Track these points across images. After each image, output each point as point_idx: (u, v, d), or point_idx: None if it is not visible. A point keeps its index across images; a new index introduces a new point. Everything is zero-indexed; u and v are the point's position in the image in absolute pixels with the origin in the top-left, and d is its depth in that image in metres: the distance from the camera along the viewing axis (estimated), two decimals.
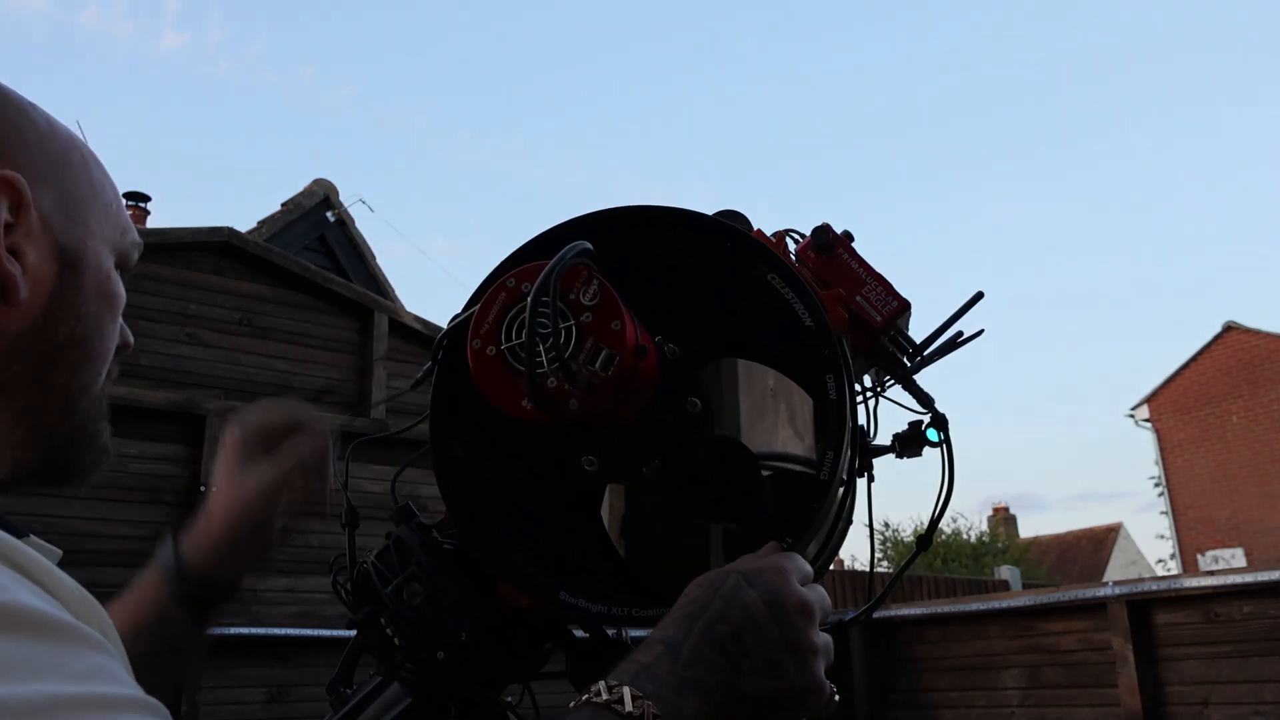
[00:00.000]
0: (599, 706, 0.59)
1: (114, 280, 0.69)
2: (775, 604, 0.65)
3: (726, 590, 0.66)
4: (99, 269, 0.67)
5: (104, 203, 0.69)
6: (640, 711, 0.58)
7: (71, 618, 0.49)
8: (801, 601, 0.67)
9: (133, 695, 0.48)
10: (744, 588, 0.66)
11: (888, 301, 0.88)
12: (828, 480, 0.76)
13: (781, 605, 0.65)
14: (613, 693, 0.59)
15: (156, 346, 5.57)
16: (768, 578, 0.67)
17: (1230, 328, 18.64)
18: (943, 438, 0.89)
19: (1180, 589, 4.50)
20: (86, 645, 0.48)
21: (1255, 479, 17.71)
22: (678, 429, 0.75)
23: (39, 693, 0.43)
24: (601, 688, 0.59)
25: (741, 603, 0.65)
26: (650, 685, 0.60)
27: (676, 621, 0.65)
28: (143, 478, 5.24)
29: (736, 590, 0.66)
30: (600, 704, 0.59)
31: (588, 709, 0.59)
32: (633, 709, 0.58)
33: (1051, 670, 4.97)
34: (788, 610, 0.66)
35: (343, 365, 6.21)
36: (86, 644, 0.48)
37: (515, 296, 0.72)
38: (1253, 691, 4.22)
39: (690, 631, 0.64)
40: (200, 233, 5.84)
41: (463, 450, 0.83)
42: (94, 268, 0.66)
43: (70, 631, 0.48)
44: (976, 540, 21.87)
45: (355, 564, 0.85)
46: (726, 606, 0.65)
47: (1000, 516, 27.48)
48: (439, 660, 0.79)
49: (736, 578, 0.67)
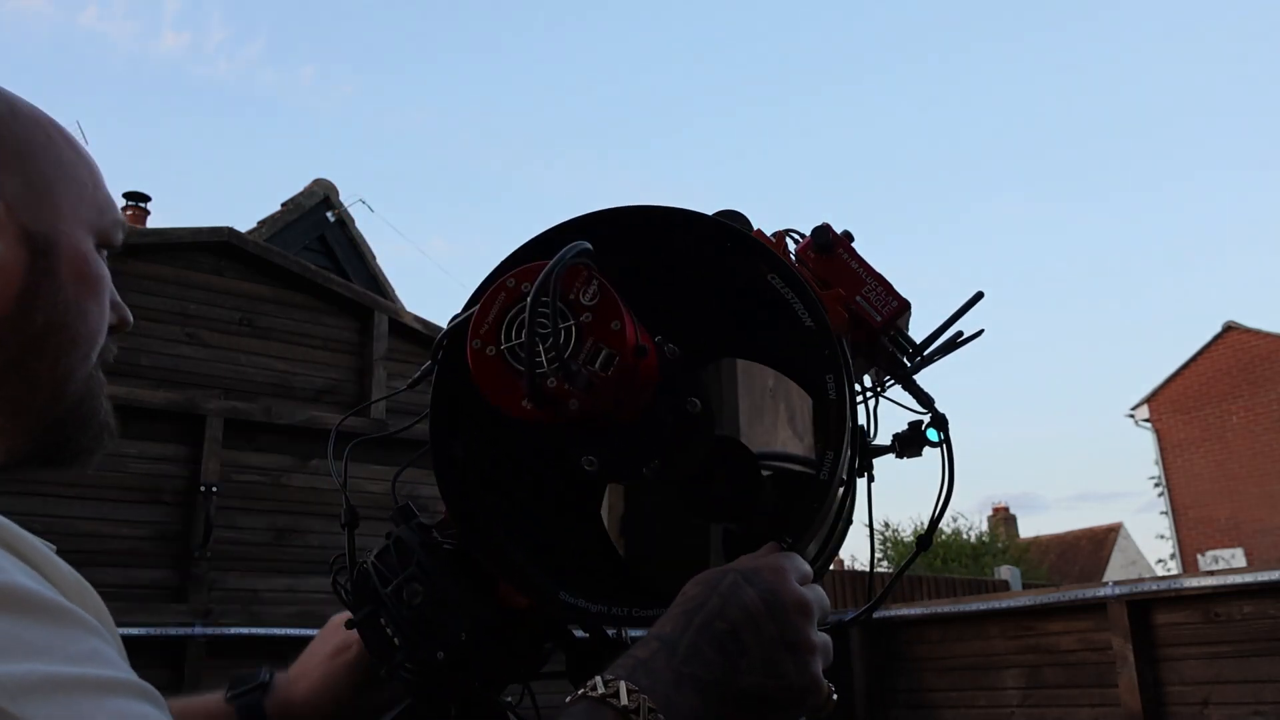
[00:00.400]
0: (595, 700, 0.59)
1: (92, 262, 0.67)
2: (773, 603, 0.65)
3: (724, 588, 0.66)
4: (75, 252, 0.65)
5: (77, 182, 0.67)
6: (636, 705, 0.58)
7: (67, 601, 0.49)
8: (800, 600, 0.66)
9: (126, 679, 0.48)
10: (742, 586, 0.66)
11: (888, 301, 0.88)
12: (827, 480, 0.76)
13: (780, 604, 0.65)
14: (609, 687, 0.59)
15: (156, 346, 5.57)
16: (766, 576, 0.67)
17: (1230, 328, 18.64)
18: (943, 438, 0.89)
19: (1180, 589, 4.50)
20: (82, 628, 0.48)
21: (1255, 479, 17.71)
22: (678, 429, 0.75)
23: (33, 672, 0.43)
24: (598, 682, 0.59)
25: (740, 601, 0.65)
26: (646, 680, 0.60)
27: (674, 618, 0.65)
28: (143, 478, 5.24)
29: (735, 588, 0.66)
30: (596, 698, 0.59)
31: (584, 703, 0.59)
32: (628, 702, 0.58)
33: (1051, 670, 4.97)
34: (786, 609, 0.65)
35: (343, 365, 6.21)
36: (82, 627, 0.48)
37: (515, 296, 0.72)
38: (1253, 691, 4.22)
39: (688, 628, 0.64)
40: (200, 233, 5.84)
41: (463, 450, 0.83)
42: (69, 251, 0.64)
43: (66, 614, 0.48)
44: (976, 540, 21.88)
45: (355, 564, 0.85)
46: (724, 604, 0.65)
47: (1000, 516, 27.48)
48: (439, 660, 0.79)
49: (735, 576, 0.67)
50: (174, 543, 5.27)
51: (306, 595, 5.59)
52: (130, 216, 10.34)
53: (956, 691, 5.34)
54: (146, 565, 5.12)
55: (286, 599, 5.54)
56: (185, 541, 5.27)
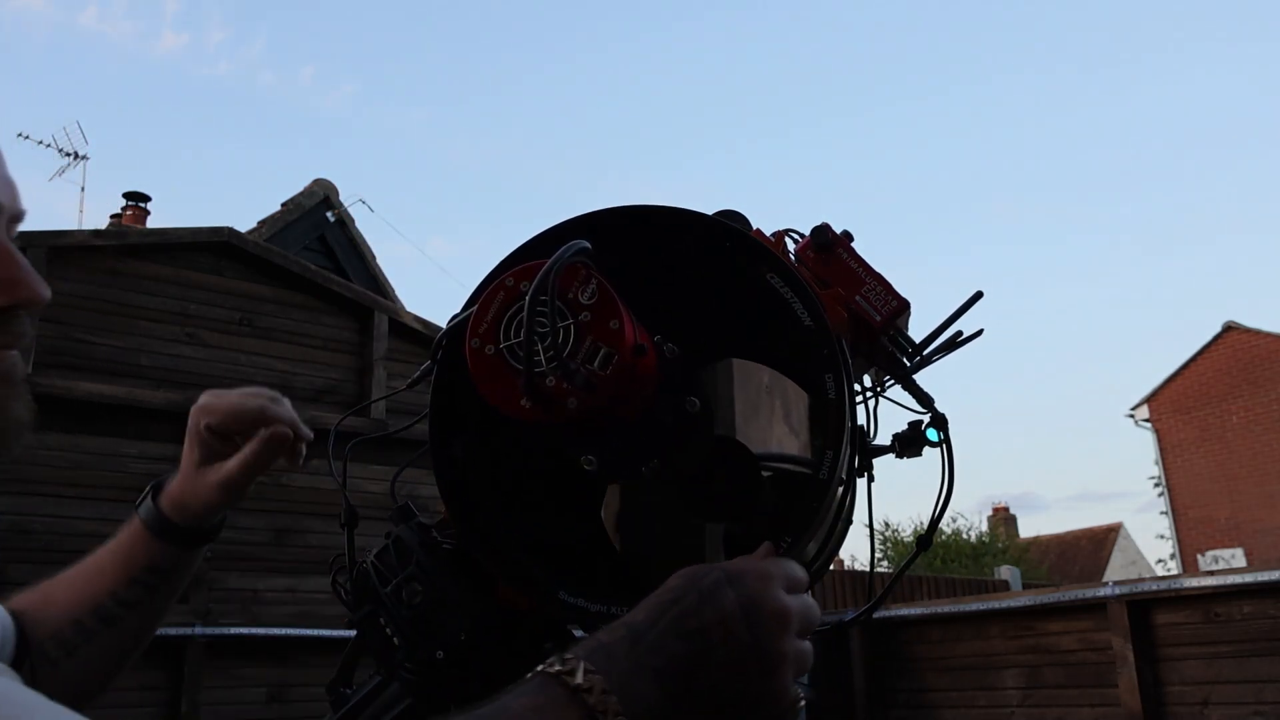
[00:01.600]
0: (549, 676, 0.58)
1: None
2: (751, 608, 0.65)
3: (705, 585, 0.65)
4: None
5: None
6: (590, 685, 0.57)
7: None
8: (779, 609, 0.66)
9: None
10: (724, 587, 0.65)
11: (887, 301, 0.88)
12: (827, 480, 0.76)
13: (757, 610, 0.65)
14: (566, 664, 0.58)
15: (156, 346, 5.57)
16: (750, 581, 0.66)
17: (1230, 328, 18.65)
18: (943, 438, 0.89)
19: (1180, 589, 4.50)
20: None
21: (1255, 479, 17.71)
22: (677, 428, 0.75)
23: None
24: (555, 660, 0.59)
25: (717, 601, 0.64)
26: (606, 663, 0.59)
27: (649, 608, 0.65)
28: (143, 478, 5.20)
29: (715, 588, 0.65)
30: (551, 674, 0.58)
31: (539, 678, 0.59)
32: (583, 682, 0.57)
33: (1051, 670, 4.97)
34: (762, 616, 0.65)
35: (343, 365, 6.21)
36: None
37: (514, 296, 0.72)
38: (1253, 691, 4.23)
39: (659, 619, 0.63)
40: (200, 233, 5.85)
41: (462, 450, 0.83)
42: None
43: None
44: (976, 540, 21.89)
45: (355, 564, 0.85)
46: (701, 602, 0.64)
47: (1000, 516, 27.50)
48: (439, 660, 0.79)
49: (719, 575, 0.66)
50: None
51: (306, 595, 5.59)
52: (130, 216, 10.34)
53: (956, 691, 5.34)
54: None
55: (286, 599, 5.54)
56: None
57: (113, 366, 5.40)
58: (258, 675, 5.39)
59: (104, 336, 5.42)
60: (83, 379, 5.21)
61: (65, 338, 5.26)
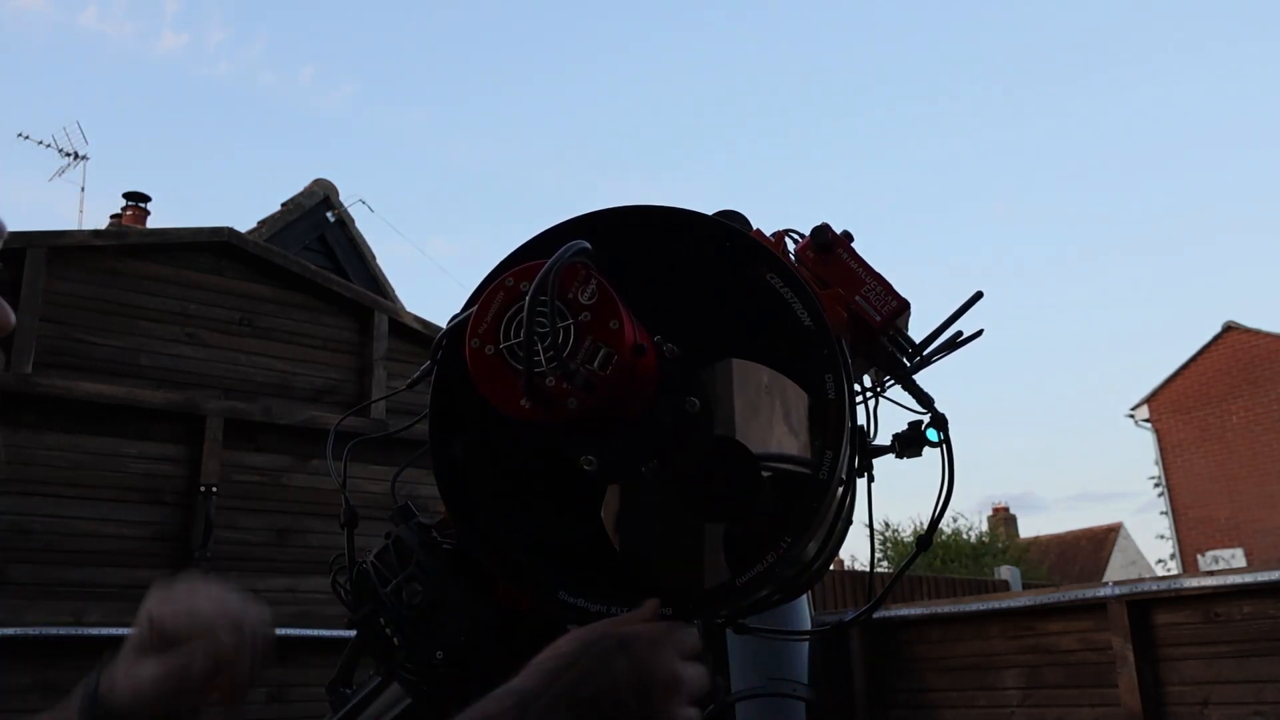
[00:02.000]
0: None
1: None
2: (643, 676, 0.65)
3: (597, 651, 0.65)
4: None
5: None
6: None
7: None
8: (670, 677, 0.66)
9: None
10: (616, 654, 0.65)
11: (887, 301, 0.88)
12: (827, 480, 0.76)
13: (649, 678, 0.65)
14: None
15: (156, 346, 5.57)
16: (641, 648, 0.66)
17: (1230, 328, 18.64)
18: (942, 438, 0.89)
19: (1180, 589, 4.50)
20: None
21: (1255, 479, 17.71)
22: (677, 429, 0.75)
23: None
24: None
25: (609, 669, 0.64)
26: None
27: (539, 674, 0.64)
28: (142, 478, 5.24)
29: (607, 655, 0.65)
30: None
31: None
32: None
33: (1051, 670, 4.97)
34: (654, 685, 0.65)
35: (343, 365, 6.21)
36: None
37: (514, 296, 0.72)
38: (1253, 691, 4.23)
39: (550, 686, 0.63)
40: (200, 233, 5.85)
41: (462, 450, 0.83)
42: None
43: None
44: (976, 540, 21.87)
45: (355, 564, 0.85)
46: (593, 670, 0.64)
47: (1000, 516, 27.48)
48: (439, 660, 0.79)
49: (611, 643, 0.66)
50: (174, 543, 5.27)
51: (306, 595, 5.59)
52: (130, 216, 10.34)
53: (956, 691, 5.34)
54: (146, 565, 5.12)
55: (286, 599, 5.54)
56: (185, 542, 5.28)
57: (113, 366, 5.40)
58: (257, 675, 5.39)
59: (104, 336, 5.42)
60: (83, 379, 5.21)
61: (65, 338, 5.26)
